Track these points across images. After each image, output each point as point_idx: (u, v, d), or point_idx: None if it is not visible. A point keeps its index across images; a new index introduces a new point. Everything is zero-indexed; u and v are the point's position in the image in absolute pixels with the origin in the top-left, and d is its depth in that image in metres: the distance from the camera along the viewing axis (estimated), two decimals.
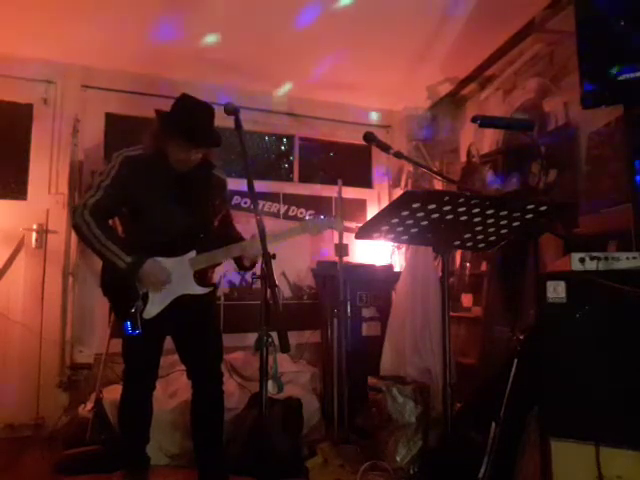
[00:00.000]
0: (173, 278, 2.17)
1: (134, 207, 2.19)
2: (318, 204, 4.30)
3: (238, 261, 2.33)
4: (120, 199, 2.17)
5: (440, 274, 2.88)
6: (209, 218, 2.34)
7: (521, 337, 1.85)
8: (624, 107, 2.11)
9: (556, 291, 1.68)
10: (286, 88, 3.92)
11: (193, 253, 2.21)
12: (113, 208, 2.20)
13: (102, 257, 2.12)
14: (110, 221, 2.23)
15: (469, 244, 1.84)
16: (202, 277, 2.27)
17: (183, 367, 2.44)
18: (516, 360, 1.82)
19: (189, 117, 2.14)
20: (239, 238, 2.39)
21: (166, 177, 2.20)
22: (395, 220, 1.62)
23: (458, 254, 3.84)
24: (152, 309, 2.15)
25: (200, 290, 2.24)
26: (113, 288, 2.22)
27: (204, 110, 2.19)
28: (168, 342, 2.35)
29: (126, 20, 3.10)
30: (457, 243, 1.85)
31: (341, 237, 3.56)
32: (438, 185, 3.96)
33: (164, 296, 2.17)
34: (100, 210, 2.12)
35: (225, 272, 3.87)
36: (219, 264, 2.35)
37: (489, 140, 3.70)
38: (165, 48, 3.43)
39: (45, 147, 3.62)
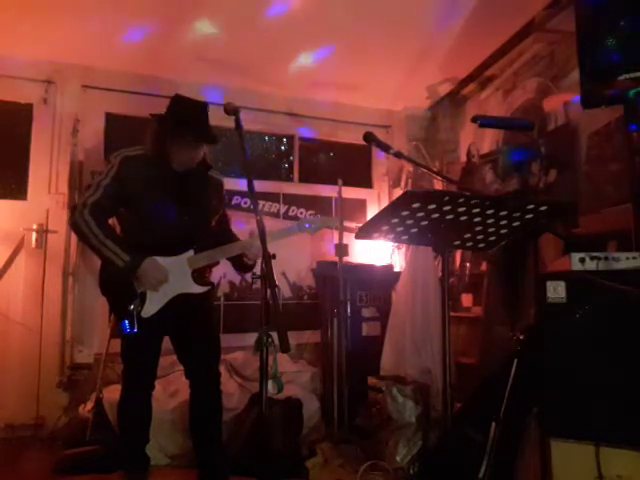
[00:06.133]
0: (171, 277, 2.17)
1: (133, 206, 2.20)
2: (318, 204, 4.29)
3: (237, 261, 2.34)
4: (119, 198, 2.18)
5: (440, 274, 2.88)
6: (207, 218, 2.35)
7: (521, 337, 1.85)
8: (624, 107, 2.11)
9: (556, 291, 1.68)
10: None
11: (191, 252, 2.22)
12: (112, 207, 2.20)
13: (101, 256, 2.13)
14: (110, 220, 2.24)
15: (469, 244, 1.84)
16: (200, 276, 2.27)
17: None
18: (516, 360, 1.82)
19: (190, 117, 2.17)
20: (235, 238, 2.42)
21: (165, 177, 2.21)
22: (395, 220, 1.62)
23: (458, 254, 3.83)
24: (150, 308, 2.15)
25: (198, 289, 2.24)
26: (111, 287, 2.23)
27: (201, 108, 2.23)
28: (168, 342, 2.35)
29: (126, 20, 3.10)
30: (457, 243, 1.85)
31: (341, 237, 3.56)
32: (438, 185, 3.96)
33: (162, 295, 2.17)
34: (100, 209, 2.13)
35: (225, 272, 3.87)
36: (217, 263, 2.36)
37: (489, 140, 3.70)
38: (165, 48, 3.43)
39: (45, 147, 3.62)
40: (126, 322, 2.10)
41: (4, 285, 3.43)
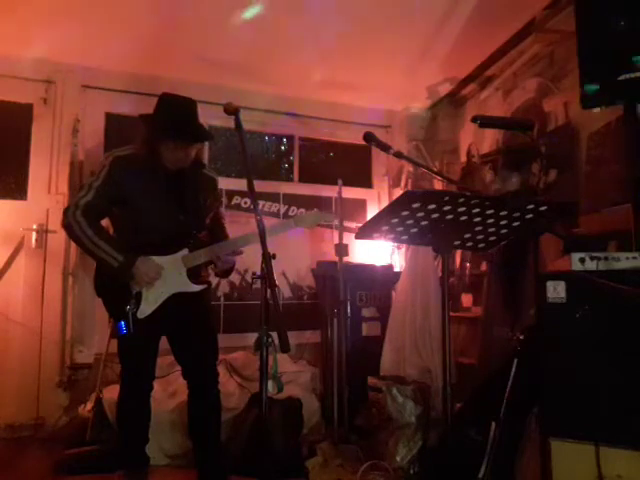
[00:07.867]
0: (166, 276, 2.17)
1: (126, 206, 2.19)
2: (318, 204, 4.29)
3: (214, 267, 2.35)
4: (112, 199, 2.17)
5: (440, 274, 2.88)
6: (201, 216, 2.34)
7: (521, 337, 1.85)
8: (624, 107, 2.11)
9: (556, 291, 1.68)
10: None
11: (185, 251, 2.21)
12: (105, 208, 2.20)
13: (94, 256, 2.13)
14: (102, 221, 2.23)
15: (469, 244, 1.84)
16: (196, 275, 2.27)
17: None
18: (516, 360, 1.82)
19: (177, 117, 2.15)
20: (227, 237, 2.42)
21: (157, 176, 2.20)
22: (395, 220, 1.62)
23: (458, 254, 3.83)
24: (146, 308, 2.15)
25: (194, 288, 2.24)
26: (107, 288, 2.22)
27: (188, 106, 2.21)
28: (166, 342, 2.35)
29: (126, 20, 3.10)
30: (457, 243, 1.85)
31: (341, 237, 3.56)
32: (438, 185, 3.96)
33: (158, 295, 2.17)
34: (92, 210, 2.12)
35: None
36: (211, 262, 2.36)
37: (489, 140, 3.70)
38: (165, 48, 3.43)
39: (45, 147, 3.63)
40: (122, 323, 2.09)
41: (4, 285, 3.43)
